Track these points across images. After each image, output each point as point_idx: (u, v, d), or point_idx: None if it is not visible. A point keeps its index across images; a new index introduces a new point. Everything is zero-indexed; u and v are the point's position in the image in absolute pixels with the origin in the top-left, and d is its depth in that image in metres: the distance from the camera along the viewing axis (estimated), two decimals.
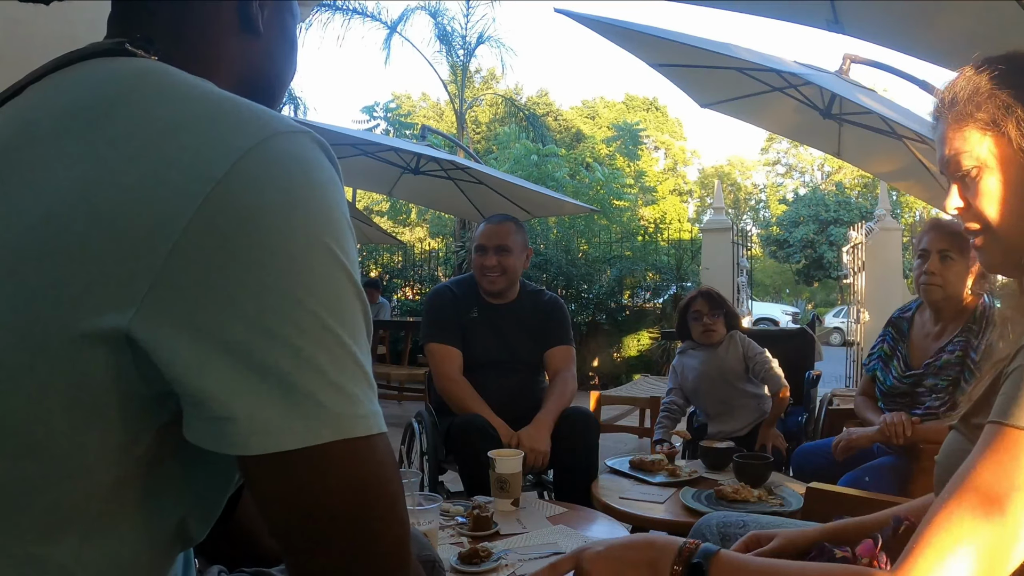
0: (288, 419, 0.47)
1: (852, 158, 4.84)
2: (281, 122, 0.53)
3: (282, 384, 0.47)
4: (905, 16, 2.65)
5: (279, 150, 0.51)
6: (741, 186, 37.71)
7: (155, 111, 0.51)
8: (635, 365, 8.54)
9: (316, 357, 0.48)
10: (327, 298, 0.49)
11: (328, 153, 0.55)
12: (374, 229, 8.02)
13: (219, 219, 0.47)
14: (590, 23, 3.67)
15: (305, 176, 0.51)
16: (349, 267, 0.51)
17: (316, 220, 0.50)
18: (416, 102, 28.00)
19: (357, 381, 0.50)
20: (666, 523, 1.96)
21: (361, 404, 0.50)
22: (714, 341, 2.82)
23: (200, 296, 0.46)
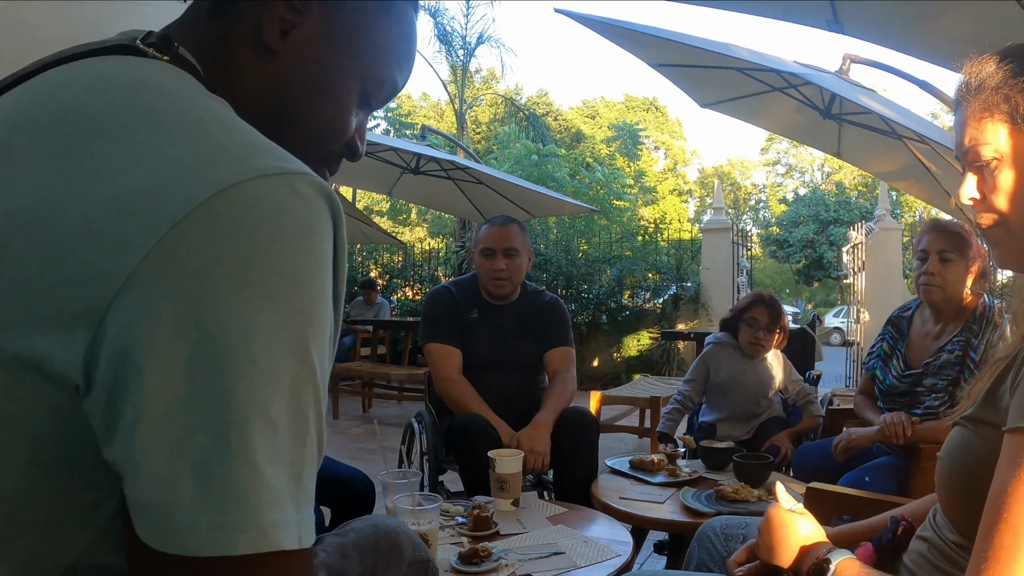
0: (201, 518, 0.40)
1: (852, 158, 4.84)
2: (273, 161, 0.46)
3: (202, 476, 0.40)
4: (905, 16, 2.65)
5: (256, 197, 0.44)
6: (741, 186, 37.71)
7: (139, 132, 0.47)
8: (635, 365, 8.54)
9: (250, 451, 0.41)
10: (275, 386, 0.42)
11: (330, 202, 0.48)
12: (374, 229, 8.02)
13: (168, 267, 0.41)
14: (590, 23, 3.67)
15: (278, 235, 0.44)
16: (313, 357, 0.45)
17: (281, 293, 0.43)
18: (416, 102, 27.99)
19: (292, 486, 0.43)
20: (666, 523, 1.96)
21: (290, 511, 0.43)
22: (756, 355, 2.73)
23: (133, 357, 0.41)
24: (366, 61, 0.64)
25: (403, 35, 0.67)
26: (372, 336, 7.22)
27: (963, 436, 0.84)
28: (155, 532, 0.41)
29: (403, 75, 0.69)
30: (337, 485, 2.04)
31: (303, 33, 0.60)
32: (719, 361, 2.80)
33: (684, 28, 3.78)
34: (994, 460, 0.74)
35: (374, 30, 0.64)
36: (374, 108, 0.69)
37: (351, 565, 0.87)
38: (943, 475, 0.86)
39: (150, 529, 0.41)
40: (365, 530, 0.94)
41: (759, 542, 1.00)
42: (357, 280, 9.22)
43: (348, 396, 6.57)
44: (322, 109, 0.62)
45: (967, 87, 0.85)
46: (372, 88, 0.66)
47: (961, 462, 0.82)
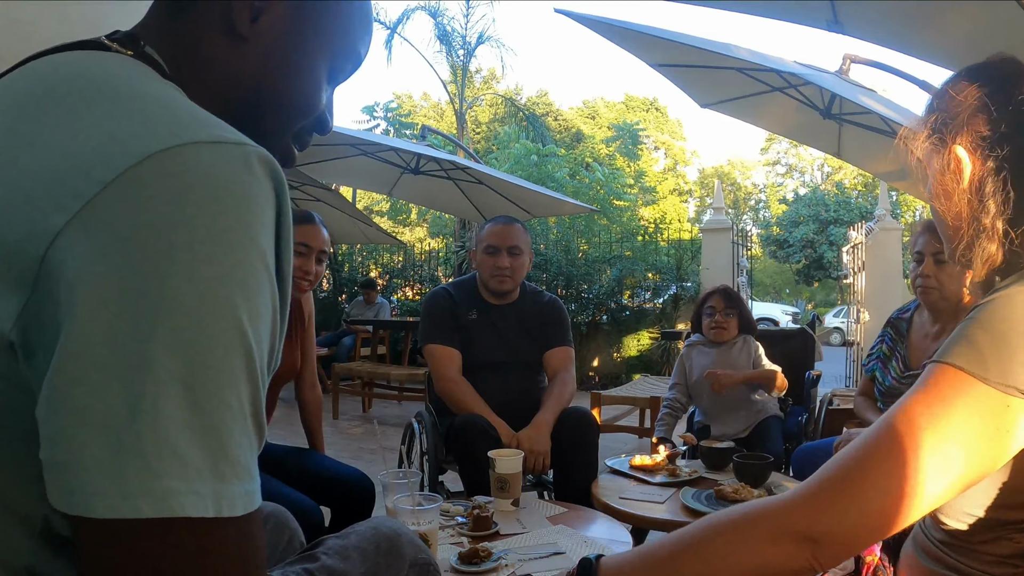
0: (106, 480, 0.40)
1: (852, 158, 4.84)
2: (209, 130, 0.47)
3: (111, 436, 0.40)
4: (905, 16, 2.65)
5: (186, 161, 0.44)
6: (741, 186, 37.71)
7: (78, 108, 0.48)
8: (635, 365, 8.53)
9: (163, 416, 0.40)
10: (194, 354, 0.42)
11: (271, 173, 0.48)
12: (374, 229, 8.01)
13: (92, 230, 0.42)
14: (590, 23, 3.67)
15: (208, 199, 0.43)
16: (245, 326, 0.44)
17: (204, 256, 0.43)
18: (416, 102, 28.00)
19: (212, 454, 0.42)
20: (666, 523, 1.96)
21: (206, 480, 0.41)
22: (723, 339, 2.86)
23: (55, 321, 0.41)
24: (332, 37, 0.65)
25: (362, 8, 0.69)
26: (372, 336, 7.22)
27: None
28: (60, 493, 0.41)
29: (364, 46, 0.70)
30: (337, 485, 2.04)
31: (272, 17, 0.61)
32: (692, 359, 2.93)
33: (684, 28, 3.78)
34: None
35: (337, 6, 0.65)
36: (340, 82, 0.70)
37: (352, 567, 0.87)
38: None
39: (56, 490, 0.41)
40: (366, 532, 0.94)
41: None
42: (357, 280, 9.23)
43: (348, 396, 6.58)
44: (296, 88, 0.64)
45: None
46: (339, 62, 0.68)
47: None
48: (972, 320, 0.72)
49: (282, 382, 2.16)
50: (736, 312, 2.89)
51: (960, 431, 0.66)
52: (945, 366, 0.70)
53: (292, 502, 1.73)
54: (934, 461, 0.66)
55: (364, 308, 7.67)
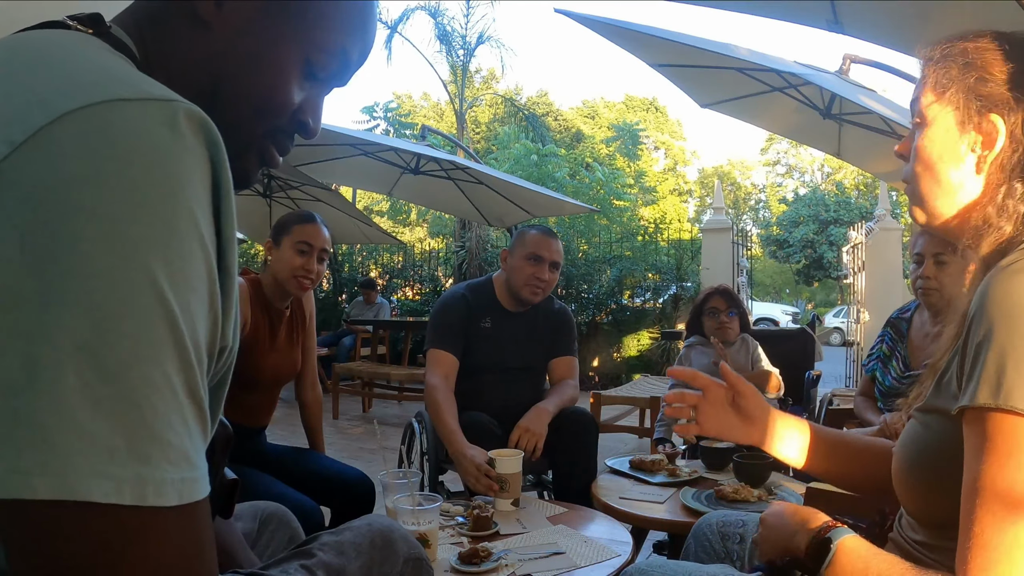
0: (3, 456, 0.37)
1: (852, 158, 4.84)
2: (135, 87, 0.44)
3: (9, 408, 0.37)
4: (905, 16, 2.65)
5: (104, 119, 0.41)
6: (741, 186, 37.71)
7: (15, 74, 0.46)
8: (635, 365, 8.53)
9: (62, 385, 0.37)
10: (100, 316, 0.38)
11: (204, 132, 0.45)
12: (374, 229, 8.01)
13: (3, 191, 0.39)
14: (590, 23, 3.67)
15: (126, 158, 0.41)
16: (165, 291, 0.40)
17: (118, 216, 0.40)
18: (416, 102, 28.00)
19: (127, 434, 0.38)
20: (666, 523, 1.96)
21: (121, 461, 0.38)
22: (729, 339, 2.85)
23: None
24: (307, 29, 0.61)
25: (351, 5, 0.63)
26: (372, 336, 7.22)
27: (914, 428, 0.85)
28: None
29: (356, 44, 0.65)
30: (337, 485, 2.05)
31: (237, 3, 0.58)
32: (691, 360, 2.93)
33: (684, 28, 3.78)
34: (943, 448, 0.75)
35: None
36: (323, 80, 0.65)
37: (348, 562, 0.88)
38: (897, 470, 0.86)
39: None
40: (361, 528, 0.95)
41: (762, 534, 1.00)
42: (357, 280, 9.23)
43: (348, 396, 6.58)
44: (259, 82, 0.60)
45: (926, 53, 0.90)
46: (316, 58, 0.62)
47: (913, 453, 0.83)
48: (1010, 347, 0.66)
49: (282, 382, 2.16)
50: (737, 312, 2.90)
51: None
52: (1004, 415, 0.65)
53: (292, 502, 1.73)
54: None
55: (364, 308, 7.67)
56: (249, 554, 0.99)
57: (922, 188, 0.88)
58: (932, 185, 0.86)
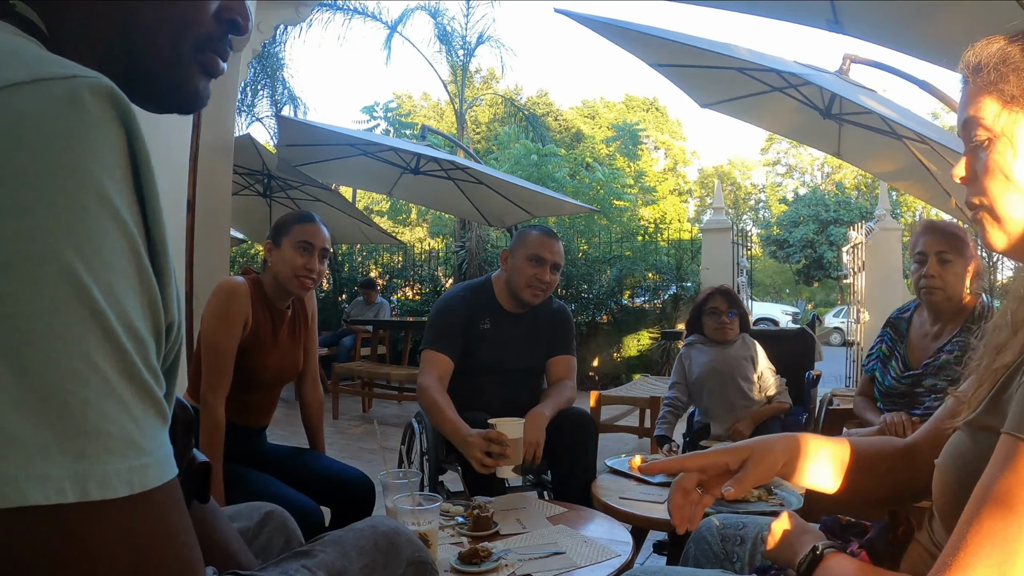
0: None
1: (852, 158, 4.84)
2: (31, 69, 0.42)
3: None
4: (905, 16, 2.65)
5: (3, 105, 0.39)
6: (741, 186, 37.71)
7: None
8: (635, 365, 8.54)
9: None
10: (17, 314, 0.37)
11: (115, 104, 0.43)
12: (374, 229, 8.01)
13: None
14: (590, 23, 3.67)
15: (23, 140, 0.39)
16: (83, 278, 0.39)
17: (20, 198, 0.38)
18: (416, 102, 28.00)
19: (56, 429, 0.37)
20: (666, 523, 1.96)
21: (56, 461, 0.36)
22: (728, 339, 2.85)
23: None
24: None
25: None
26: (372, 336, 7.22)
27: (963, 442, 0.82)
28: None
29: None
30: (337, 485, 2.05)
31: None
32: (692, 358, 2.93)
33: (684, 28, 3.78)
34: None
35: None
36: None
37: (350, 563, 0.88)
38: (942, 483, 0.84)
39: None
40: (364, 530, 0.94)
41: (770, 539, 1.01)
42: (357, 280, 9.22)
43: (348, 396, 6.58)
44: (168, 9, 0.58)
45: (967, 66, 0.85)
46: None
47: (961, 469, 0.81)
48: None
49: (283, 382, 2.16)
50: (738, 313, 2.91)
51: None
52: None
53: (292, 502, 1.74)
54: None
55: (364, 308, 7.67)
56: (249, 555, 0.99)
57: (1005, 207, 0.81)
58: (1018, 202, 0.80)
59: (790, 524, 1.00)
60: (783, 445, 1.02)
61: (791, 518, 1.01)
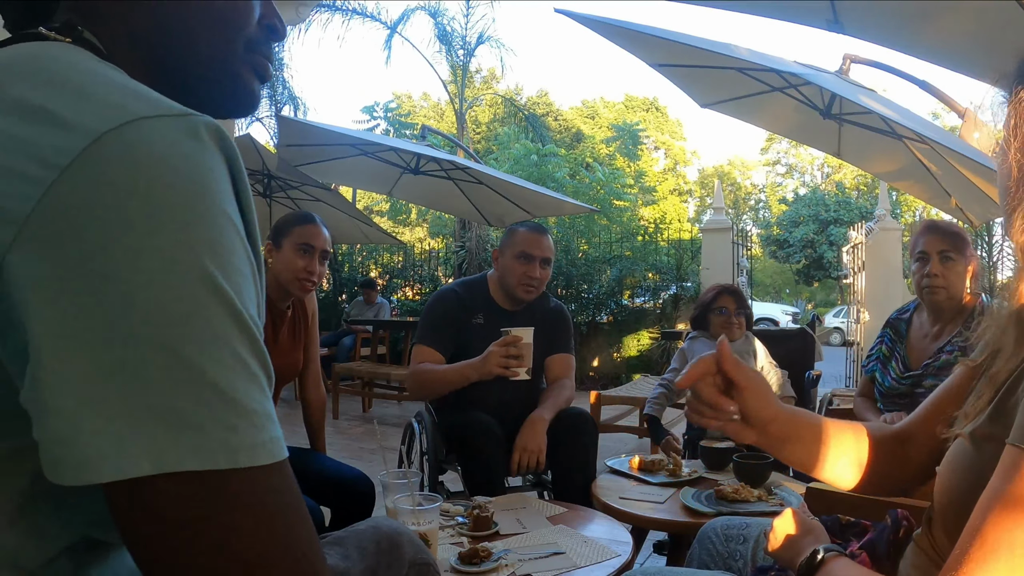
0: (102, 446, 0.41)
1: (852, 158, 4.84)
2: (153, 105, 0.47)
3: (103, 406, 0.42)
4: (905, 16, 2.65)
5: (137, 138, 0.45)
6: (741, 186, 37.71)
7: (15, 92, 0.48)
8: (635, 365, 8.53)
9: (147, 378, 0.42)
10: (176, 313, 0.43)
11: (222, 142, 0.49)
12: (374, 229, 8.00)
13: (58, 214, 0.43)
14: (590, 23, 3.67)
15: (161, 170, 0.45)
16: (220, 283, 0.45)
17: (167, 224, 0.44)
18: (416, 102, 27.99)
19: (213, 408, 0.43)
20: (666, 523, 1.96)
21: (210, 433, 0.43)
22: (733, 338, 2.85)
23: (31, 299, 0.43)
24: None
25: None
26: (372, 336, 7.22)
27: (965, 451, 0.82)
28: (64, 467, 0.42)
29: None
30: (337, 485, 2.05)
31: None
32: (694, 350, 2.91)
33: (684, 28, 3.78)
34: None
35: None
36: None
37: (352, 565, 0.87)
38: (943, 491, 0.84)
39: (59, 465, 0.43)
40: (367, 531, 0.94)
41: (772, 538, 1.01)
42: (357, 280, 9.22)
43: (348, 396, 6.58)
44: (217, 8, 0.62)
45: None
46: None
47: (963, 477, 0.80)
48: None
49: (284, 382, 2.16)
50: (744, 313, 2.90)
51: None
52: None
53: None
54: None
55: (364, 308, 7.66)
56: None
57: None
58: None
59: (793, 523, 1.00)
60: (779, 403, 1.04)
61: (794, 516, 1.01)
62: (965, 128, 3.39)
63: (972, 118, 3.34)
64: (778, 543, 0.99)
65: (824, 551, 0.88)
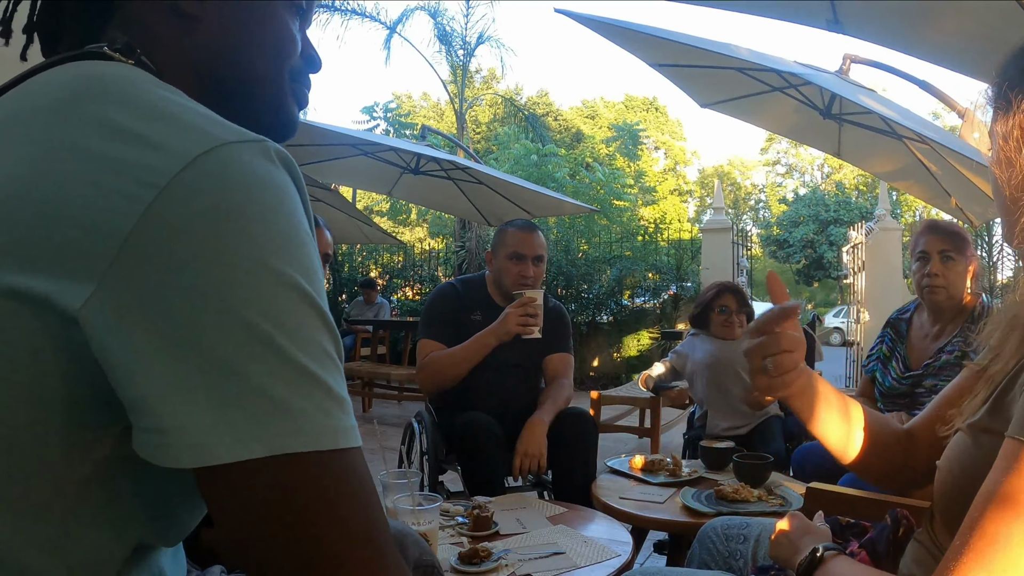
0: (219, 433, 0.46)
1: (852, 158, 4.84)
2: (232, 131, 0.52)
3: (214, 398, 0.46)
4: (905, 16, 2.65)
5: (225, 161, 0.50)
6: (741, 186, 37.72)
7: (105, 114, 0.51)
8: (635, 365, 8.53)
9: (253, 371, 0.47)
10: (271, 314, 0.48)
11: (288, 165, 0.54)
12: (374, 229, 8.01)
13: (161, 229, 0.47)
14: (590, 23, 3.67)
15: (249, 190, 0.50)
16: (305, 287, 0.50)
17: (258, 236, 0.49)
18: (416, 102, 28.00)
19: (309, 396, 0.48)
20: (666, 523, 1.96)
21: (311, 418, 0.48)
22: (734, 337, 2.86)
23: (139, 304, 0.46)
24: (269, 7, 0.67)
25: None
26: (372, 336, 7.22)
27: (965, 445, 0.82)
28: (178, 451, 0.47)
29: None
30: None
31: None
32: (695, 346, 2.96)
33: (684, 28, 3.78)
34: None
35: None
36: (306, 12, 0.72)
37: None
38: (943, 484, 0.85)
39: (172, 449, 0.47)
40: None
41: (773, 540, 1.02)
42: (357, 280, 9.22)
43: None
44: (269, 34, 0.66)
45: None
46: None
47: (962, 472, 0.81)
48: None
49: None
50: (745, 311, 2.91)
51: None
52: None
53: None
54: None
55: (364, 308, 7.66)
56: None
57: None
58: None
59: (792, 525, 1.01)
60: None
61: (794, 519, 1.02)
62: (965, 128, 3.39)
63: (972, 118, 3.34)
64: (778, 543, 1.00)
65: (824, 549, 0.88)
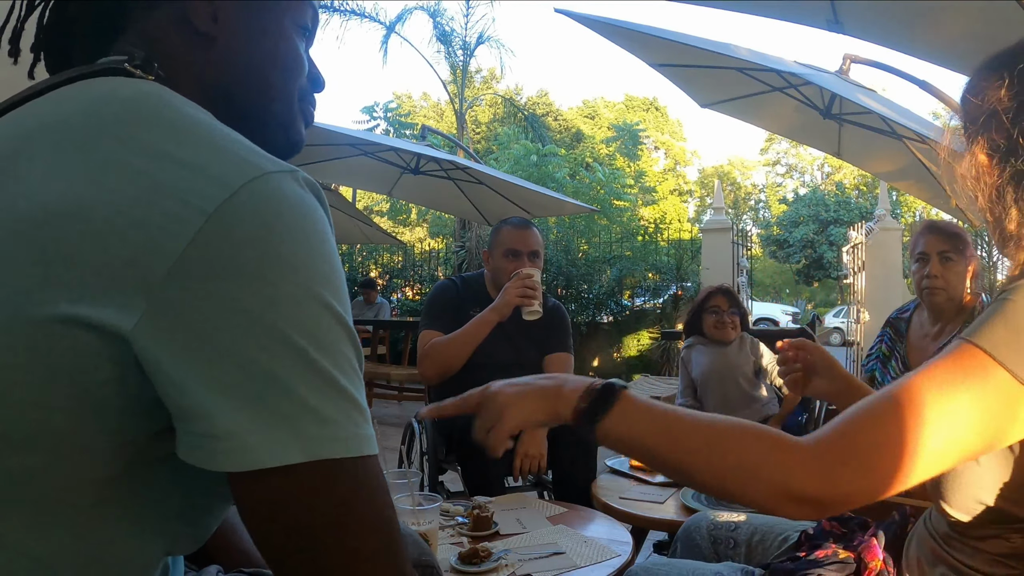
0: (262, 440, 0.49)
1: (852, 158, 4.84)
2: (268, 161, 0.55)
3: (258, 408, 0.49)
4: (905, 16, 2.65)
5: (266, 191, 0.53)
6: (741, 186, 37.71)
7: (148, 136, 0.53)
8: (635, 365, 8.54)
9: (293, 384, 0.50)
10: (308, 332, 0.51)
11: (316, 191, 0.57)
12: (374, 229, 8.01)
13: (208, 253, 0.50)
14: (590, 23, 3.67)
15: (288, 217, 0.53)
16: (336, 306, 0.54)
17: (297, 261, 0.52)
18: (416, 102, 27.99)
19: (340, 407, 0.52)
20: (666, 523, 1.96)
21: (342, 427, 0.51)
22: (728, 338, 2.86)
23: (188, 323, 0.49)
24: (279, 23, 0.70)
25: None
26: (372, 336, 7.22)
27: None
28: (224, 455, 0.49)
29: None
30: None
31: (229, 7, 0.65)
32: (692, 358, 2.94)
33: (684, 28, 3.78)
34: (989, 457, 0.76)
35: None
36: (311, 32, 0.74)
37: None
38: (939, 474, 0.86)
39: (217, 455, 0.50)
40: None
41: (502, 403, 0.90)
42: (357, 280, 9.23)
43: None
44: (280, 54, 0.69)
45: None
46: (301, 17, 0.71)
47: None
48: (1004, 303, 0.71)
49: None
50: (738, 312, 2.91)
51: (970, 406, 0.68)
52: (970, 345, 0.70)
53: None
54: (939, 428, 0.68)
55: (364, 308, 7.66)
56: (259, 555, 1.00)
57: None
58: None
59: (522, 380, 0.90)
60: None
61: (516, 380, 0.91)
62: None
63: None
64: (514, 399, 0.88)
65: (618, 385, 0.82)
